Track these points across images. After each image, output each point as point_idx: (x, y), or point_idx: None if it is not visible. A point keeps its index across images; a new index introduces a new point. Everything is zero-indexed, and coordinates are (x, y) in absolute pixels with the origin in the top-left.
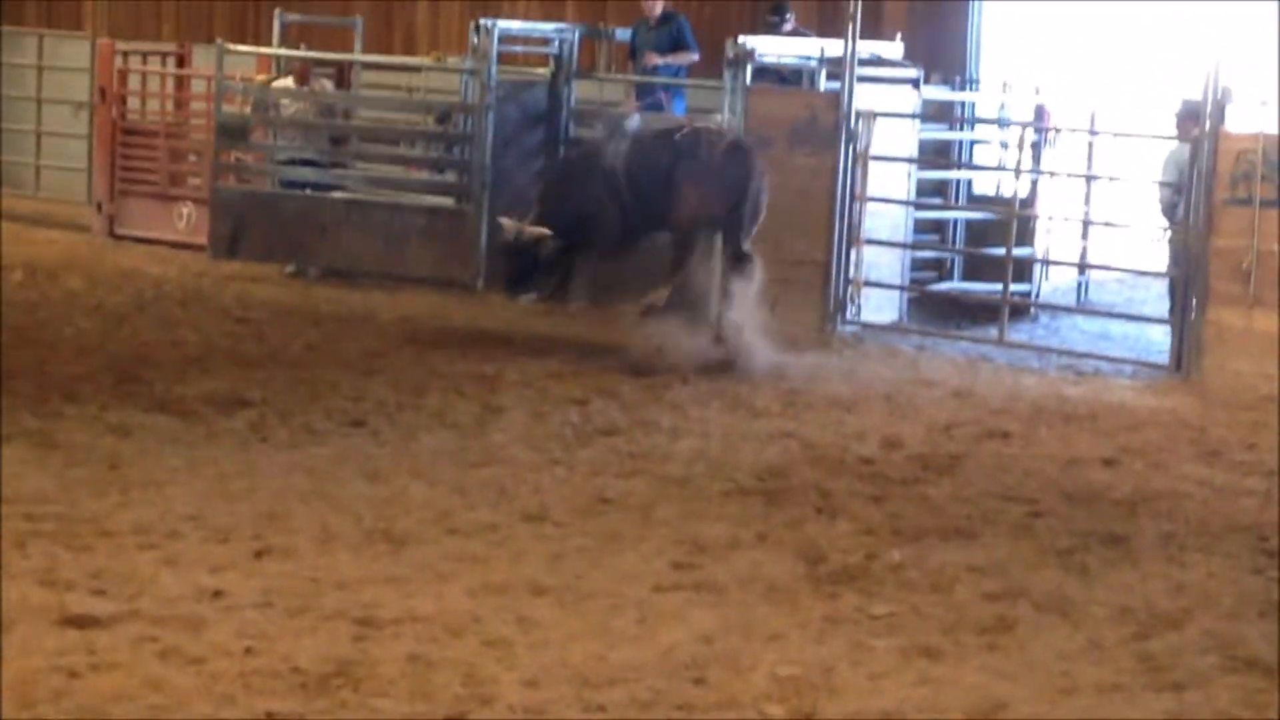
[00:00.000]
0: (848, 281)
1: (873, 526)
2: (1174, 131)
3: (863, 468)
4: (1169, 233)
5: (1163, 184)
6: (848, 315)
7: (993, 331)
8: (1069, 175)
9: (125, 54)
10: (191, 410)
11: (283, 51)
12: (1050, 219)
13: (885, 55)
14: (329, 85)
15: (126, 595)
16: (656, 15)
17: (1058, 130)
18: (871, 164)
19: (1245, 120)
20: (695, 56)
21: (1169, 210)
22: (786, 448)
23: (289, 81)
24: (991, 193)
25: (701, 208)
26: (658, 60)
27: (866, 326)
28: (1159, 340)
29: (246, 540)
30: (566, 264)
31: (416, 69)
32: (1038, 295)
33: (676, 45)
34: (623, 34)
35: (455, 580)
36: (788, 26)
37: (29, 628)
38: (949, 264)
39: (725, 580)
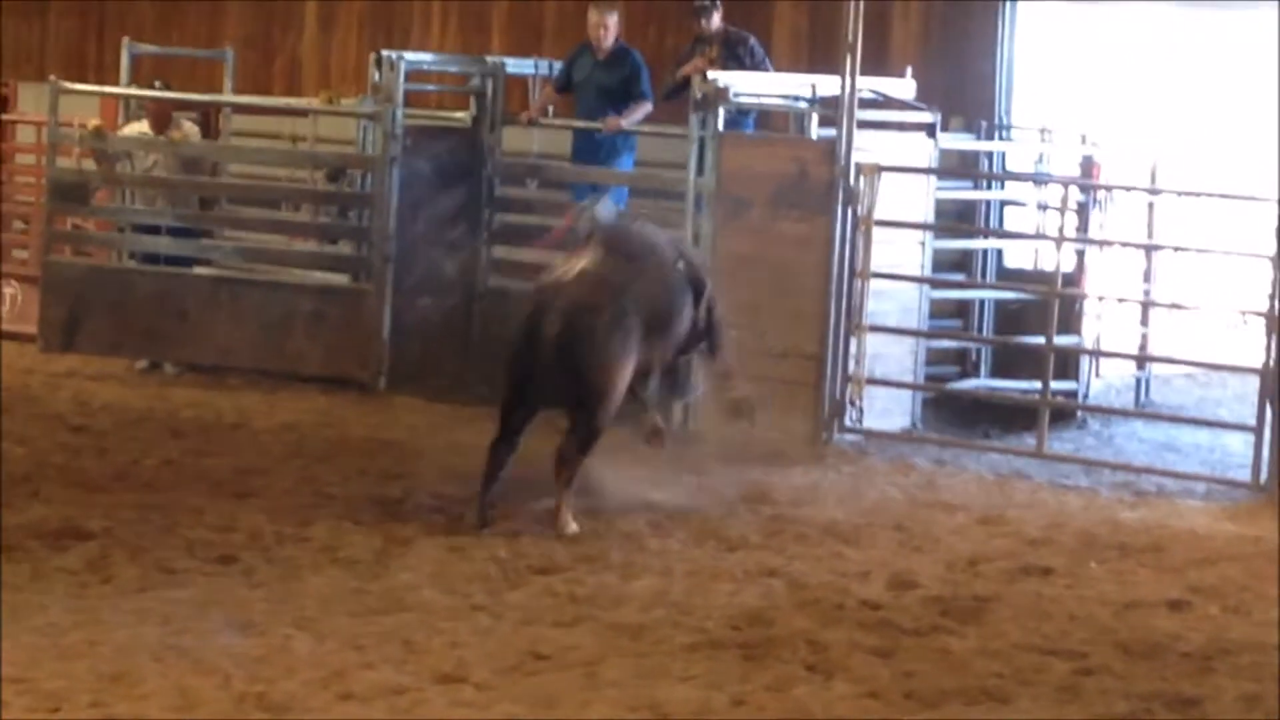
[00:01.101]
0: (847, 379)
1: (879, 689)
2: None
3: (866, 614)
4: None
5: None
6: (847, 421)
7: (1030, 441)
8: (1124, 245)
9: None
10: (15, 545)
11: (133, 91)
12: (1101, 299)
13: (893, 94)
14: (193, 132)
15: None
16: (607, 48)
17: (1110, 189)
18: (876, 231)
19: None
20: (650, 107)
21: None
22: (770, 589)
23: (142, 127)
24: (1027, 267)
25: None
26: (623, 124)
27: (871, 435)
28: (1238, 451)
29: (84, 709)
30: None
31: (302, 113)
32: (1086, 395)
33: (629, 90)
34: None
35: None
36: (717, 17)
37: None
38: (974, 356)
39: None
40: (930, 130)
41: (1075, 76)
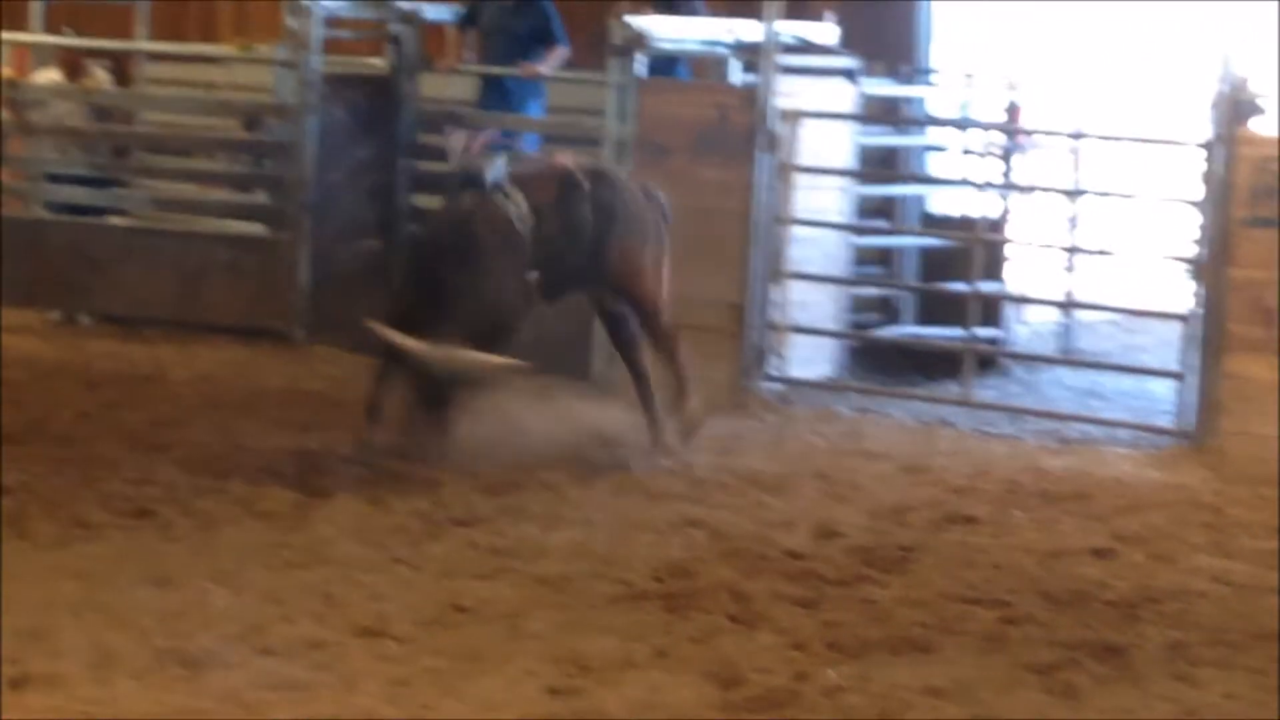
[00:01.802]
0: (769, 327)
1: (803, 639)
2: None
3: (790, 564)
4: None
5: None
6: (770, 370)
7: (954, 388)
8: (1048, 190)
9: None
10: None
11: (45, 39)
12: (1025, 245)
13: (814, 40)
14: (106, 80)
15: None
16: None
17: (1033, 134)
18: (798, 177)
19: (1267, 123)
20: (566, 52)
21: None
22: (692, 540)
23: (54, 75)
24: (951, 213)
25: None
26: (542, 70)
27: (794, 384)
28: (1163, 398)
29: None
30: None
31: (217, 60)
32: (1010, 343)
33: (539, 37)
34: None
35: (269, 714)
36: None
37: None
38: (898, 303)
39: (615, 709)
40: (852, 75)
41: (997, 21)
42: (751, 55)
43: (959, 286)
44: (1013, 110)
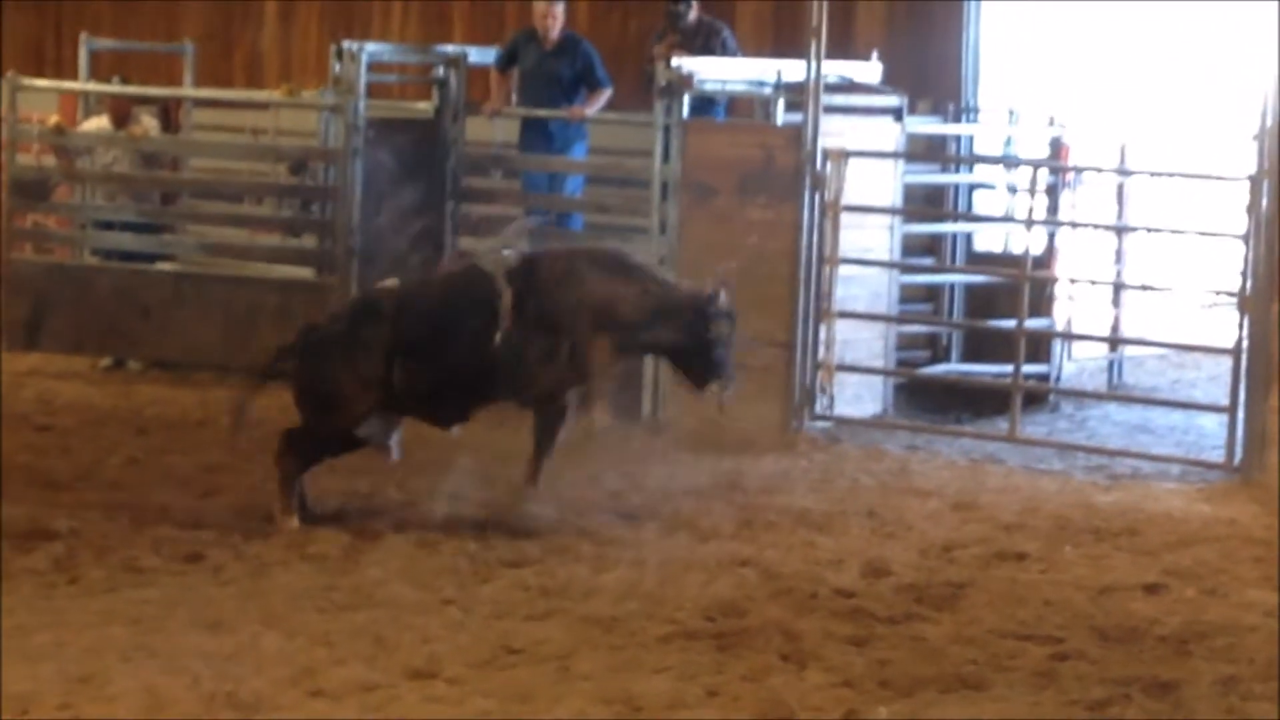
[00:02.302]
0: (817, 366)
1: (853, 677)
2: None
3: (840, 602)
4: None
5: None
6: (818, 408)
7: (1002, 425)
8: (1094, 227)
9: None
10: None
11: (92, 86)
12: (1072, 282)
13: (859, 79)
14: (153, 127)
15: None
16: (554, 37)
17: (1079, 170)
18: (844, 216)
19: None
20: (609, 94)
21: None
22: (742, 579)
23: (102, 123)
24: (997, 250)
25: None
26: (586, 112)
27: (842, 422)
28: (1212, 432)
29: (52, 711)
30: None
31: (264, 106)
32: (1059, 378)
33: (582, 80)
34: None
35: None
36: (692, 15)
37: None
38: (945, 341)
39: None
40: (897, 114)
41: (1042, 58)
42: (797, 95)
43: (1006, 323)
44: (1058, 146)
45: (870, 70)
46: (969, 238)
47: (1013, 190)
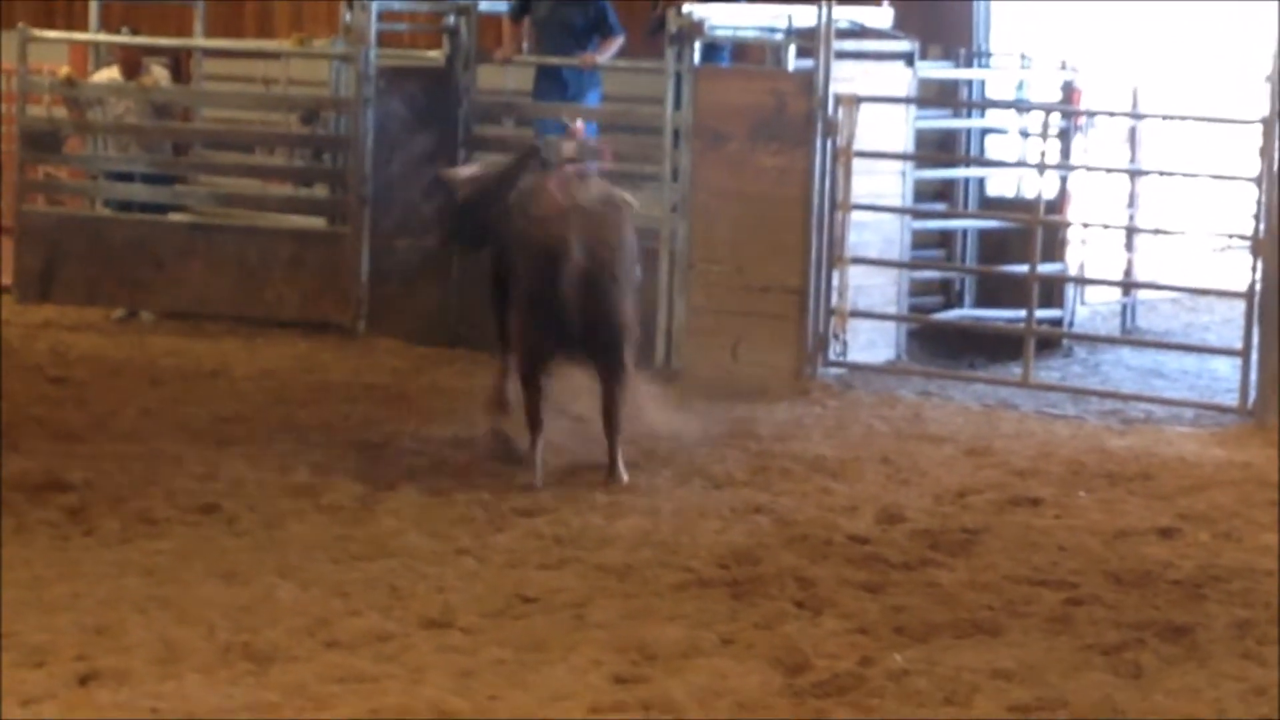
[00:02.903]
0: (830, 312)
1: (868, 624)
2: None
3: (854, 549)
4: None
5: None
6: (831, 355)
7: (1016, 370)
8: (1107, 170)
9: None
10: None
11: (103, 37)
12: (1085, 226)
13: (870, 24)
14: (164, 78)
15: None
16: None
17: (1091, 114)
18: (856, 162)
19: None
20: (622, 41)
21: None
22: (756, 526)
23: (113, 74)
24: (1010, 195)
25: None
26: (599, 59)
27: (855, 368)
28: (1226, 376)
29: (68, 662)
30: None
31: (275, 56)
32: (1072, 323)
33: (595, 28)
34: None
35: (337, 707)
36: None
37: None
38: (958, 286)
39: (681, 697)
40: (909, 59)
41: (1053, 2)
42: (808, 40)
43: (1019, 268)
44: (1070, 91)
45: (882, 15)
46: (981, 183)
47: (1025, 135)
